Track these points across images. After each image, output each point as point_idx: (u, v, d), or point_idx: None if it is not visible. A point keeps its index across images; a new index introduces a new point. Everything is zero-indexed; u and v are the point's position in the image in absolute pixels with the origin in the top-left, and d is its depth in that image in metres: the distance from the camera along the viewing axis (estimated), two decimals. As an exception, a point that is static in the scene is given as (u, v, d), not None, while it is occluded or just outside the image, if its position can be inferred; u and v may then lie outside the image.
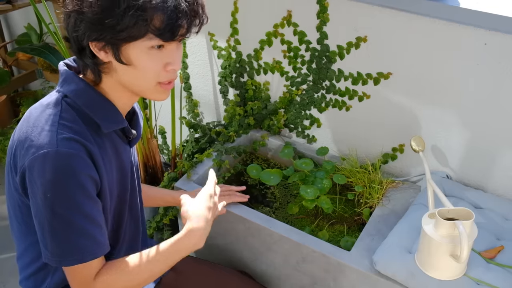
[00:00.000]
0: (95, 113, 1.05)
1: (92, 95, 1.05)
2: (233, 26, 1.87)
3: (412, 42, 1.52)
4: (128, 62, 1.00)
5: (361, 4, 1.55)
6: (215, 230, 1.69)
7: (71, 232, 1.00)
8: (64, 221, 0.99)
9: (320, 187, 1.64)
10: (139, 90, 1.07)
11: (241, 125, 1.94)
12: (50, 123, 1.00)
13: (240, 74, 1.97)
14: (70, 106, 1.04)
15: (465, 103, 1.52)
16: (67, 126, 1.01)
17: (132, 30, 0.94)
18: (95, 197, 1.04)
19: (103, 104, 1.06)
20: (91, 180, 1.02)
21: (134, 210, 1.27)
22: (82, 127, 1.03)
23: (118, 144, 1.13)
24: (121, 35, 0.95)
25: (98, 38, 0.96)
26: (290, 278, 1.60)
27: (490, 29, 1.37)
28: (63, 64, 1.09)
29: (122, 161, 1.15)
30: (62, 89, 1.05)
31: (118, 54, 0.98)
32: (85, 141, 1.01)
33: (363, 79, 1.68)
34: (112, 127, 1.08)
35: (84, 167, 0.99)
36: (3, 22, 2.94)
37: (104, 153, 1.07)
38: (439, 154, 1.65)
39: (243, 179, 1.87)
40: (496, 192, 1.60)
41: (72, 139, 0.99)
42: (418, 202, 1.55)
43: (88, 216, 1.01)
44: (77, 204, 0.99)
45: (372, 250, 1.43)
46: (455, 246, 1.21)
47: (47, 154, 0.97)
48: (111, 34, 0.95)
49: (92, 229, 1.02)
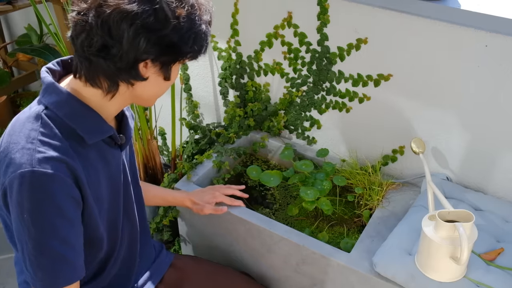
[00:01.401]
0: (77, 124, 1.01)
1: (74, 106, 1.01)
2: (233, 27, 1.87)
3: (412, 43, 1.52)
4: (170, 78, 1.03)
5: (361, 6, 1.55)
6: (215, 231, 1.69)
7: (46, 256, 0.98)
8: (40, 244, 0.97)
9: (320, 188, 1.64)
10: (148, 100, 1.09)
11: (241, 126, 1.94)
12: (30, 140, 0.97)
13: (240, 76, 1.96)
14: (50, 119, 1.00)
15: (465, 105, 1.52)
16: (47, 143, 0.97)
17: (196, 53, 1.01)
18: (74, 219, 1.01)
19: (86, 114, 1.03)
20: (70, 200, 0.99)
21: (129, 212, 1.25)
22: (63, 142, 0.99)
23: (105, 151, 1.10)
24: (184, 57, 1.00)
25: (161, 59, 0.98)
26: (289, 279, 1.60)
27: (491, 31, 1.37)
28: (46, 70, 1.05)
29: (111, 167, 1.12)
30: (43, 100, 1.02)
31: (168, 72, 1.02)
32: (66, 158, 0.98)
33: (364, 80, 1.68)
34: (97, 138, 1.05)
35: (62, 188, 0.96)
36: (4, 22, 2.94)
37: (89, 165, 1.04)
38: (439, 156, 1.65)
39: (243, 181, 1.86)
40: (496, 194, 1.60)
41: (51, 158, 0.96)
42: (418, 204, 1.55)
43: (64, 240, 0.98)
44: (53, 227, 0.97)
45: (372, 252, 1.43)
46: (455, 248, 1.21)
47: (24, 174, 0.94)
48: (176, 56, 0.99)
49: (67, 253, 1.00)
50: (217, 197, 1.55)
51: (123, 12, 0.90)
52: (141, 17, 0.91)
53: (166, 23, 0.93)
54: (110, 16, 0.91)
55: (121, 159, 1.17)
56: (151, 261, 1.43)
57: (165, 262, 1.46)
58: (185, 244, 1.88)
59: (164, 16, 0.92)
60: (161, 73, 1.01)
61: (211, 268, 1.51)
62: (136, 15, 0.91)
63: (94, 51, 0.95)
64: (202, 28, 0.99)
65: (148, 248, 1.42)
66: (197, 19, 0.97)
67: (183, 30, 0.95)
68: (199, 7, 0.98)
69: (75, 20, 0.95)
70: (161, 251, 1.48)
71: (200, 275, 1.47)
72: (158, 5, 0.92)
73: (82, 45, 0.95)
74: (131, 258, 1.31)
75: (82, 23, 0.94)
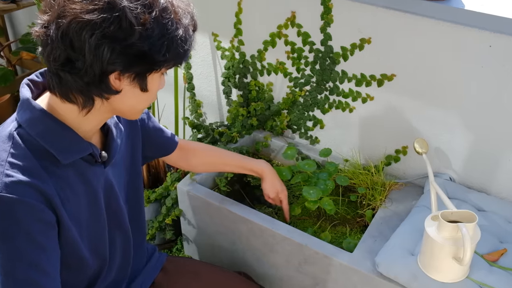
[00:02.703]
0: (50, 144, 0.96)
1: (48, 124, 0.96)
2: (236, 26, 1.87)
3: (416, 43, 1.51)
4: (147, 89, 0.97)
5: (365, 6, 1.55)
6: (218, 230, 1.69)
7: (13, 281, 0.94)
8: (7, 269, 0.94)
9: (323, 188, 1.64)
10: (130, 113, 1.03)
11: (244, 125, 1.94)
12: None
13: (243, 75, 1.97)
14: (22, 138, 0.95)
15: (469, 105, 1.52)
16: (16, 165, 0.92)
17: (171, 61, 0.94)
18: (46, 243, 0.96)
19: (61, 132, 0.97)
20: (41, 225, 0.94)
21: (120, 226, 1.21)
22: (34, 163, 0.94)
23: (85, 170, 1.04)
24: (159, 66, 0.93)
25: (132, 70, 0.91)
26: (292, 279, 1.60)
27: (494, 31, 1.37)
28: (26, 83, 1.01)
29: (91, 185, 1.07)
30: (18, 117, 0.97)
31: (145, 83, 0.95)
32: (36, 181, 0.92)
33: (367, 80, 1.67)
34: (73, 157, 0.99)
35: (31, 213, 0.92)
36: (8, 21, 2.95)
37: (65, 186, 1.00)
38: (442, 156, 1.64)
39: (245, 180, 1.86)
40: (499, 194, 1.60)
41: (19, 182, 0.91)
42: (421, 204, 1.55)
43: (33, 264, 0.94)
44: (20, 253, 0.93)
45: (374, 252, 1.43)
46: (458, 249, 1.21)
47: None
48: (150, 66, 0.92)
49: (38, 277, 0.95)
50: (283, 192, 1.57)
51: (82, 22, 0.85)
52: (101, 26, 0.85)
53: (130, 31, 0.86)
54: (69, 28, 0.86)
55: (103, 177, 1.10)
56: (143, 264, 1.39)
57: (157, 265, 1.42)
58: (188, 243, 1.88)
59: (128, 24, 0.85)
60: (136, 85, 0.95)
61: (205, 269, 1.47)
62: (96, 24, 0.85)
63: (59, 65, 0.90)
64: (178, 33, 0.91)
65: (141, 251, 1.38)
66: (170, 24, 0.90)
67: (153, 37, 0.88)
68: (174, 10, 0.91)
69: (37, 34, 0.90)
70: (153, 254, 1.43)
71: (192, 277, 1.44)
72: (120, 12, 0.85)
73: (48, 60, 0.91)
74: (124, 267, 1.28)
75: (44, 37, 0.89)
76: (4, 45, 2.71)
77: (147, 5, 0.88)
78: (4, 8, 2.35)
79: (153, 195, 1.85)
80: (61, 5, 0.87)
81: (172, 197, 1.80)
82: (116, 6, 0.85)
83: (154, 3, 0.89)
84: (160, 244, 2.03)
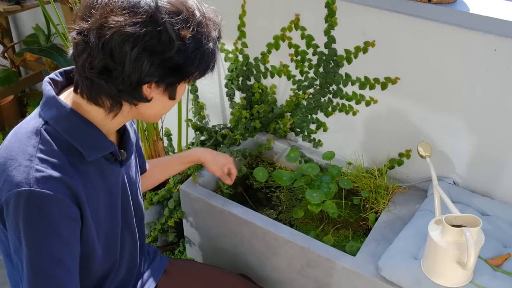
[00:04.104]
0: (77, 140, 0.99)
1: (74, 121, 0.99)
2: (240, 29, 1.87)
3: (420, 47, 1.51)
4: (175, 97, 1.01)
5: (369, 9, 1.54)
6: (220, 233, 1.69)
7: (39, 275, 0.97)
8: (34, 263, 0.96)
9: (326, 191, 1.64)
10: (153, 118, 1.07)
11: (247, 128, 1.94)
12: (27, 157, 0.94)
13: (246, 77, 1.96)
14: (50, 135, 0.97)
15: (473, 109, 1.51)
16: (46, 161, 0.94)
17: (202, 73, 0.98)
18: (71, 239, 0.99)
19: (86, 130, 1.00)
20: (68, 220, 0.97)
21: (130, 225, 1.23)
22: (62, 159, 0.96)
23: (105, 167, 1.07)
24: (190, 77, 0.97)
25: (166, 81, 0.95)
26: (294, 282, 1.60)
27: (499, 35, 1.37)
28: (48, 81, 1.02)
29: (110, 183, 1.09)
30: (43, 114, 0.99)
31: (174, 92, 0.99)
32: (65, 176, 0.95)
33: (371, 83, 1.67)
34: (97, 154, 1.02)
35: (60, 208, 0.94)
36: (12, 22, 2.95)
37: (88, 182, 1.02)
38: (446, 160, 1.64)
39: (248, 182, 1.86)
40: (503, 199, 1.59)
41: (50, 177, 0.93)
42: (424, 208, 1.54)
43: (58, 260, 0.97)
44: (48, 248, 0.95)
45: (377, 256, 1.42)
46: (462, 253, 1.21)
47: (20, 193, 0.92)
48: (182, 77, 0.96)
49: (61, 274, 0.98)
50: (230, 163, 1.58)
51: (125, 34, 0.87)
52: (143, 39, 0.87)
53: (170, 46, 0.89)
54: (111, 39, 0.88)
55: (120, 175, 1.13)
56: (145, 267, 1.39)
57: (159, 268, 1.42)
58: (190, 245, 1.88)
59: (168, 38, 0.88)
60: (166, 93, 0.98)
61: (207, 272, 1.47)
62: (139, 37, 0.87)
63: (96, 73, 0.92)
64: (210, 47, 0.95)
65: (143, 254, 1.38)
66: (204, 38, 0.93)
67: (188, 51, 0.91)
68: (206, 24, 0.94)
69: (76, 40, 0.91)
70: (155, 257, 1.43)
71: (195, 280, 1.43)
72: (162, 26, 0.88)
73: (84, 66, 0.92)
74: (131, 269, 1.28)
75: (83, 44, 0.90)
76: (8, 46, 2.71)
77: (185, 20, 0.91)
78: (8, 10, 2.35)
79: (156, 197, 1.85)
80: (104, 16, 0.89)
81: (175, 199, 1.80)
82: (158, 21, 0.88)
83: (191, 17, 0.92)
84: (163, 246, 2.02)
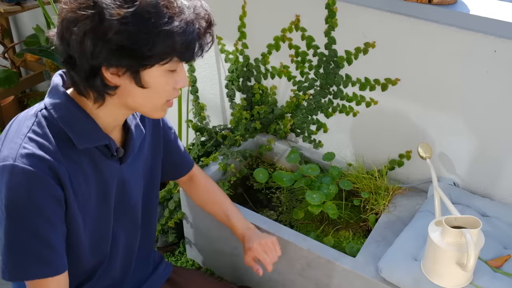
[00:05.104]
0: (70, 128, 1.01)
1: (71, 110, 1.01)
2: (241, 30, 1.87)
3: (421, 48, 1.51)
4: (146, 85, 0.98)
5: (370, 10, 1.54)
6: (220, 234, 1.69)
7: (17, 249, 0.98)
8: (13, 237, 0.97)
9: (326, 192, 1.64)
10: (146, 110, 1.04)
11: (247, 129, 1.94)
12: (20, 135, 0.98)
13: (247, 78, 1.96)
14: (46, 119, 1.00)
15: (473, 110, 1.51)
16: (34, 140, 0.97)
17: (161, 56, 0.94)
18: (55, 219, 1.00)
19: (82, 120, 1.02)
20: (51, 200, 0.98)
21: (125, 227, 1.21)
22: (51, 141, 0.99)
23: (99, 160, 1.07)
24: (149, 61, 0.94)
25: (120, 65, 0.94)
26: (294, 284, 1.59)
27: (500, 36, 1.37)
28: (60, 73, 1.06)
29: (104, 178, 1.09)
30: (45, 100, 1.03)
31: (138, 78, 0.97)
32: (49, 157, 0.97)
33: (371, 84, 1.67)
34: (88, 143, 1.03)
35: (42, 187, 0.96)
36: (12, 23, 2.95)
37: (77, 170, 1.03)
38: (446, 161, 1.64)
39: (248, 183, 1.86)
40: (503, 200, 1.59)
41: (33, 155, 0.95)
42: (424, 209, 1.54)
43: (37, 235, 0.98)
44: (26, 222, 0.97)
45: (377, 257, 1.42)
46: (462, 254, 1.21)
47: (4, 167, 0.95)
48: (137, 60, 0.93)
49: (41, 248, 0.99)
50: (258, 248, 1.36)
51: (69, 19, 0.92)
52: (83, 21, 0.90)
53: (108, 26, 0.89)
54: (62, 25, 0.94)
55: (118, 172, 1.13)
56: (149, 273, 1.38)
57: (163, 275, 1.41)
58: (190, 246, 1.88)
59: (105, 19, 0.89)
60: (131, 80, 0.96)
61: (210, 284, 1.45)
62: (78, 20, 0.90)
63: (63, 62, 0.97)
64: (169, 28, 0.91)
65: (148, 259, 1.37)
66: (156, 18, 0.90)
67: (131, 31, 0.89)
68: (166, 5, 0.91)
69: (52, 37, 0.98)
70: (160, 263, 1.42)
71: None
72: (99, 8, 0.89)
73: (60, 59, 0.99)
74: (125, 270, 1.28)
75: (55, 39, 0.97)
76: (9, 47, 2.71)
77: (128, 1, 0.90)
78: (9, 10, 2.35)
79: (156, 198, 1.84)
80: (60, 8, 0.96)
81: (175, 200, 1.80)
82: (96, 3, 0.90)
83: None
84: (163, 247, 2.02)
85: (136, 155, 1.19)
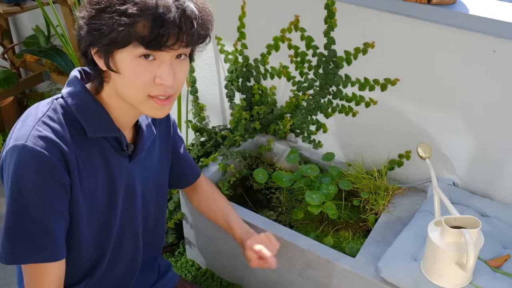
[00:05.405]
0: (83, 115, 1.03)
1: (85, 99, 1.04)
2: (240, 30, 1.87)
3: (420, 48, 1.51)
4: (117, 69, 0.97)
5: (369, 10, 1.54)
6: (220, 235, 1.69)
7: (19, 235, 0.98)
8: (14, 218, 0.98)
9: (326, 192, 1.64)
10: (132, 102, 1.02)
11: (247, 129, 1.94)
12: (34, 119, 1.00)
13: (246, 79, 1.96)
14: (61, 106, 1.03)
15: (472, 110, 1.51)
16: (47, 124, 0.99)
17: (117, 36, 0.92)
18: (58, 206, 1.00)
19: (95, 110, 1.04)
20: (57, 185, 0.98)
21: (132, 227, 1.21)
22: (63, 127, 1.01)
23: (109, 153, 1.08)
24: (106, 40, 0.94)
25: (92, 44, 0.97)
26: (294, 284, 1.59)
27: (499, 36, 1.37)
28: (79, 69, 1.09)
29: (113, 171, 1.10)
30: (63, 90, 1.06)
31: (107, 60, 0.97)
32: (60, 142, 0.98)
33: (370, 85, 1.67)
34: (99, 133, 1.05)
35: (49, 169, 0.97)
36: (12, 24, 2.95)
37: (86, 158, 1.04)
38: (446, 161, 1.64)
39: (248, 184, 1.86)
40: (503, 200, 1.59)
41: (45, 137, 0.97)
42: (424, 209, 1.54)
43: (40, 221, 0.98)
44: (31, 206, 0.97)
45: (377, 257, 1.42)
46: (461, 254, 1.21)
47: (15, 146, 0.96)
48: (99, 39, 0.95)
49: (42, 235, 0.99)
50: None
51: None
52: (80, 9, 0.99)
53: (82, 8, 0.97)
54: None
55: (127, 170, 1.13)
56: (154, 279, 1.38)
57: (169, 285, 1.40)
58: (190, 246, 1.88)
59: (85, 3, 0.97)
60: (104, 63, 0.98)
61: None
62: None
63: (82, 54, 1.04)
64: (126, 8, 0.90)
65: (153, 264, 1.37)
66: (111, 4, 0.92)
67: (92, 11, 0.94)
68: None
69: None
70: (167, 272, 1.42)
71: None
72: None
73: None
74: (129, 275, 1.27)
75: None
76: (8, 47, 2.71)
77: None
78: (8, 11, 2.35)
79: (156, 198, 1.84)
80: None
81: (175, 200, 1.80)
82: None
83: None
84: (163, 247, 2.02)
85: (146, 156, 1.19)
